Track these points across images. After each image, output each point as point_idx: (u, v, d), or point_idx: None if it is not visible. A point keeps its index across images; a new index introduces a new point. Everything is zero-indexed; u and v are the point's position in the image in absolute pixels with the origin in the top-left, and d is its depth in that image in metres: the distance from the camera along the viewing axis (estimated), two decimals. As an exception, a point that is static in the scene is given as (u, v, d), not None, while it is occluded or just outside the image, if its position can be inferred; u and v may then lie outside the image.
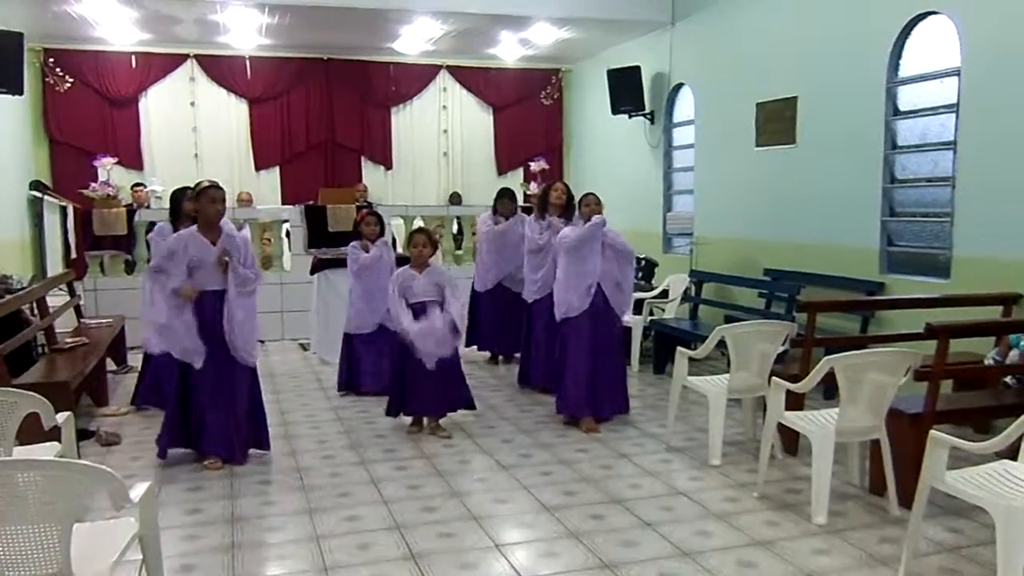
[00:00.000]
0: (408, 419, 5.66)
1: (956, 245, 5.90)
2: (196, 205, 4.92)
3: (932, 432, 3.29)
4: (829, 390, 5.60)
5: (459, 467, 4.93)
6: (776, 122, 7.67)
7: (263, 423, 5.14)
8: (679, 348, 5.22)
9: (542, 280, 6.39)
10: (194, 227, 4.87)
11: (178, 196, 5.86)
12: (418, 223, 9.67)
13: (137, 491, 2.85)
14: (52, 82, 10.43)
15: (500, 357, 7.76)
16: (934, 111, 6.23)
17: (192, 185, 5.27)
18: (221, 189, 4.91)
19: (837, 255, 6.92)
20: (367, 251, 6.72)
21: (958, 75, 5.89)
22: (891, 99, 6.54)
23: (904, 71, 6.48)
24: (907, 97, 6.50)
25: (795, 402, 4.57)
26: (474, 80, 12.04)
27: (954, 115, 5.94)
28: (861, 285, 6.59)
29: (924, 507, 3.35)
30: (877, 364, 4.00)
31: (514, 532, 3.98)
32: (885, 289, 6.47)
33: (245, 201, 10.52)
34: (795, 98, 7.44)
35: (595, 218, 5.59)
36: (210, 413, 4.87)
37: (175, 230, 5.48)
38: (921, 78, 6.33)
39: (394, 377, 5.61)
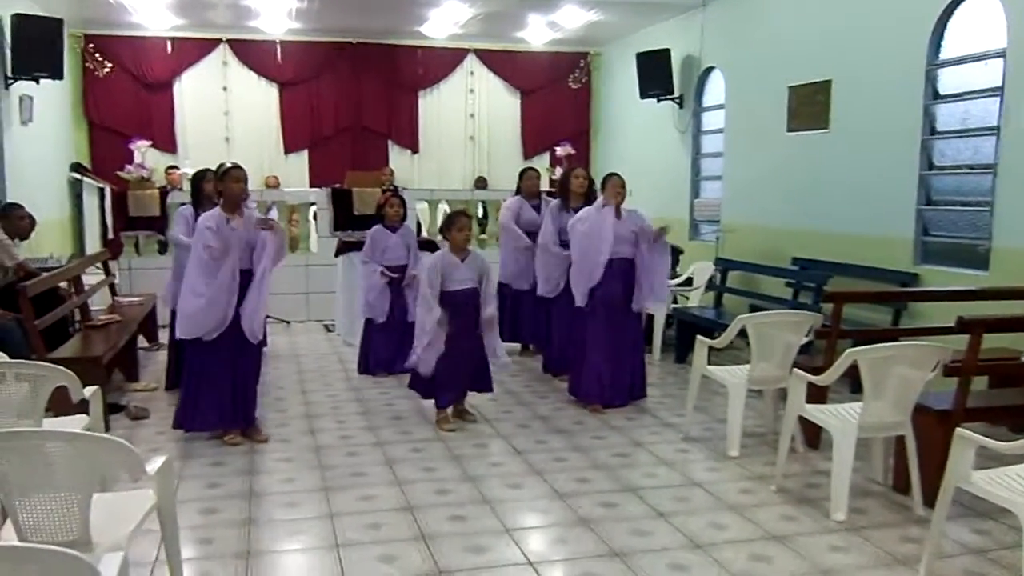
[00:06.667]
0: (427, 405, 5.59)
1: (996, 235, 5.71)
2: (220, 186, 4.92)
3: (958, 430, 3.19)
4: (856, 384, 5.47)
5: (474, 451, 4.91)
6: (809, 106, 7.50)
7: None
8: (699, 337, 5.13)
9: (557, 280, 6.20)
10: (217, 209, 4.88)
11: (198, 179, 5.89)
12: (443, 207, 9.69)
13: (154, 464, 2.88)
14: (92, 67, 10.58)
15: (531, 347, 7.55)
16: (977, 95, 6.03)
17: (211, 168, 5.28)
18: (243, 170, 4.93)
19: (869, 245, 6.76)
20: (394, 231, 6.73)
21: (1003, 56, 5.69)
22: (931, 82, 6.35)
23: (945, 53, 6.28)
24: (948, 80, 6.30)
25: (818, 395, 4.47)
26: (501, 64, 11.97)
27: (998, 99, 5.74)
28: (894, 276, 6.43)
29: (948, 507, 3.25)
30: (903, 358, 3.88)
31: (525, 517, 3.96)
32: (919, 280, 6.31)
33: (272, 185, 10.59)
34: (829, 81, 7.27)
35: (587, 209, 5.58)
36: (230, 390, 4.93)
37: (196, 213, 5.51)
38: (964, 60, 6.12)
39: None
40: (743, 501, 4.13)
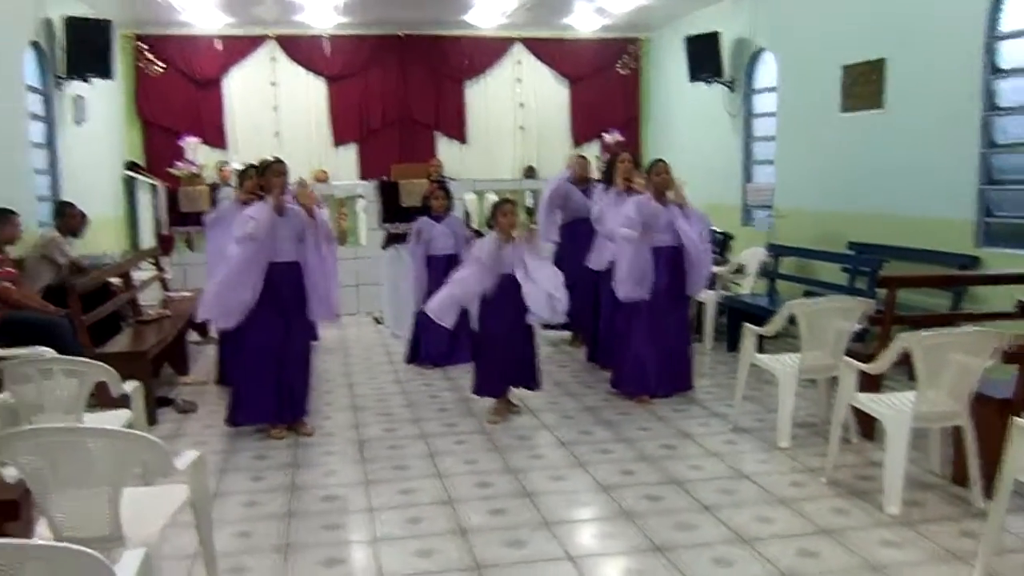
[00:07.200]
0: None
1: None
2: (262, 181, 4.97)
3: (1017, 419, 3.03)
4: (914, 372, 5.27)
5: (517, 443, 4.86)
6: (863, 86, 7.24)
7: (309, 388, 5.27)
8: (746, 324, 5.00)
9: (602, 250, 6.15)
10: (260, 202, 4.90)
11: (241, 176, 5.95)
12: (491, 198, 9.63)
13: (185, 460, 2.89)
14: (143, 66, 10.76)
15: (581, 336, 7.38)
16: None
17: (255, 164, 5.32)
18: (284, 164, 4.97)
19: (928, 227, 6.50)
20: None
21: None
22: (990, 56, 6.06)
23: (1005, 24, 5.98)
24: (1009, 53, 6.00)
25: (872, 383, 4.31)
26: (549, 52, 11.83)
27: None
28: (953, 259, 6.18)
29: (1008, 500, 3.08)
30: (959, 344, 3.71)
31: (566, 510, 3.90)
32: (981, 263, 6.05)
33: (322, 179, 10.67)
34: (883, 60, 7.00)
35: (635, 199, 5.43)
36: (276, 384, 4.95)
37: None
38: (1025, 32, 5.84)
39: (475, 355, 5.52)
40: (792, 494, 4.00)
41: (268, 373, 4.92)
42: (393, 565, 3.34)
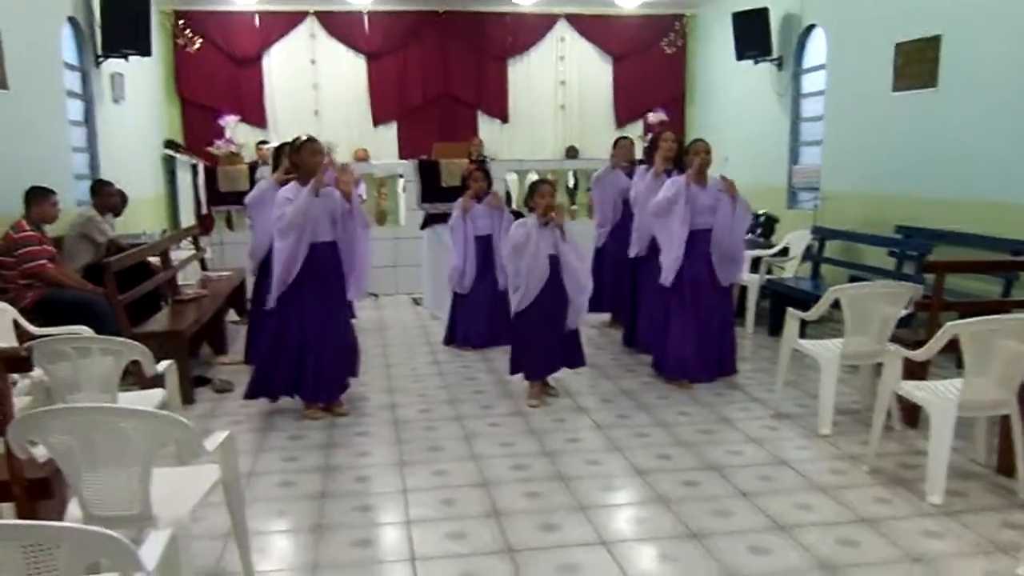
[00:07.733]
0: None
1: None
2: (295, 159, 4.94)
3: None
4: (962, 359, 5.10)
5: (554, 426, 4.82)
6: (916, 64, 7.00)
7: (357, 352, 5.29)
8: (789, 309, 4.88)
9: (641, 234, 6.08)
10: (294, 182, 4.90)
11: (277, 154, 5.95)
12: (532, 177, 9.55)
13: (214, 440, 2.89)
14: (182, 43, 10.80)
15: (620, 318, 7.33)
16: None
17: (289, 142, 5.29)
18: (318, 143, 4.94)
19: (980, 211, 6.29)
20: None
21: None
22: (1051, 32, 5.83)
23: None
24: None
25: (917, 370, 4.18)
26: (593, 29, 11.66)
27: None
28: (1006, 245, 5.96)
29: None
30: (1008, 331, 3.57)
31: (601, 495, 3.85)
32: (1035, 248, 5.83)
33: (362, 158, 10.67)
34: (938, 36, 6.75)
35: (672, 179, 5.32)
36: (316, 362, 4.94)
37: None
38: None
39: (515, 338, 5.43)
40: (833, 481, 3.91)
41: (294, 350, 4.91)
42: (425, 547, 3.33)
